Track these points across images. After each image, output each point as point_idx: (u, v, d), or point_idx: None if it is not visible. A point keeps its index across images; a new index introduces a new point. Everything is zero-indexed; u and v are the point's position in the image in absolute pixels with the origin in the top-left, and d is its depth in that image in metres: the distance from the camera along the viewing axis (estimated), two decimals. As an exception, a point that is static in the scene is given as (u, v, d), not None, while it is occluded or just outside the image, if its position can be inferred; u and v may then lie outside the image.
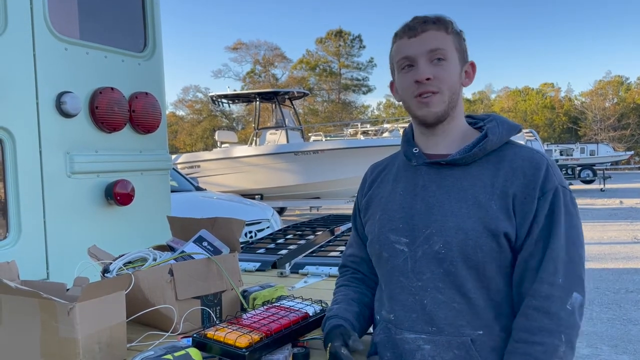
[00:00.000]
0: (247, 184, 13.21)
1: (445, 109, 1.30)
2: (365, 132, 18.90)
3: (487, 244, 1.20)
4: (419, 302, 1.27)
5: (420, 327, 1.26)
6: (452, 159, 1.29)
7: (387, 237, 1.33)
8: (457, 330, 1.23)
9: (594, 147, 34.30)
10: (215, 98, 15.31)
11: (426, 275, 1.26)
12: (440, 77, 1.28)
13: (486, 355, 1.21)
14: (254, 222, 5.55)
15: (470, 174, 1.28)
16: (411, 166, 1.36)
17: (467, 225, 1.22)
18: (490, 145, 1.28)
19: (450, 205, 1.25)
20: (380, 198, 1.41)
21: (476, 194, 1.24)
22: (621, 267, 7.38)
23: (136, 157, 2.64)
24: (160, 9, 2.85)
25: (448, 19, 1.34)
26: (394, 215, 1.33)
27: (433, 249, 1.25)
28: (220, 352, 1.24)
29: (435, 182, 1.30)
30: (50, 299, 1.28)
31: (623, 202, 16.83)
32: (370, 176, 1.51)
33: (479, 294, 1.23)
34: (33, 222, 2.18)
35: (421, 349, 1.25)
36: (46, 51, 2.24)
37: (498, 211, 1.21)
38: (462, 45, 1.34)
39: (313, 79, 48.52)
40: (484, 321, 1.23)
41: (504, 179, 1.24)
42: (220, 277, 1.66)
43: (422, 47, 1.28)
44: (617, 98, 55.19)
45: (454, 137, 1.34)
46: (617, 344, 4.38)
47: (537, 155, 1.27)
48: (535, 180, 1.22)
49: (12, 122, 2.12)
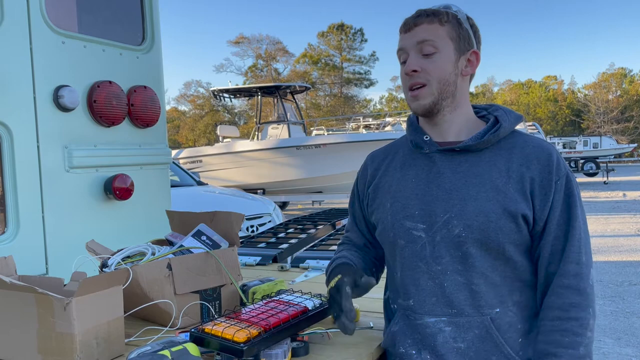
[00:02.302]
0: (249, 178, 13.21)
1: (434, 100, 1.33)
2: (368, 126, 18.88)
3: (507, 226, 1.26)
4: (438, 286, 1.30)
5: (440, 310, 1.30)
6: (465, 145, 1.32)
7: (402, 224, 1.35)
8: (476, 310, 1.28)
9: (597, 140, 34.20)
10: (217, 93, 15.29)
11: (445, 259, 1.29)
12: (427, 69, 1.31)
13: (504, 330, 1.28)
14: (255, 216, 5.54)
15: (483, 160, 1.32)
16: (421, 153, 1.38)
17: (487, 208, 1.26)
18: (502, 133, 1.33)
19: (468, 190, 1.29)
20: (388, 186, 1.42)
21: (493, 178, 1.29)
22: (624, 259, 7.36)
23: (135, 151, 2.62)
24: (158, 1, 2.82)
25: (446, 10, 1.33)
26: (407, 203, 1.35)
27: (453, 233, 1.28)
28: (218, 347, 1.23)
29: (450, 168, 1.33)
30: (46, 294, 1.27)
31: (626, 195, 16.79)
32: (372, 164, 1.51)
33: (495, 274, 1.29)
34: (31, 217, 2.16)
35: (442, 332, 1.30)
36: (43, 45, 2.22)
37: (515, 194, 1.27)
38: (460, 34, 1.33)
39: (315, 73, 48.45)
40: (500, 298, 1.29)
41: (518, 164, 1.29)
42: (219, 271, 1.65)
43: (412, 39, 1.33)
44: (620, 90, 54.97)
45: (461, 126, 1.37)
46: (621, 337, 4.36)
47: (545, 142, 1.35)
48: (550, 165, 1.28)
49: (10, 116, 2.10)
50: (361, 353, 1.37)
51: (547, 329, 1.26)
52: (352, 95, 50.25)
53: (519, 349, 1.29)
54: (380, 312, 1.70)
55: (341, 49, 47.78)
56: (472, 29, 1.36)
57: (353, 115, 26.14)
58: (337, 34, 47.51)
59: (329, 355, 1.35)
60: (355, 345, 1.42)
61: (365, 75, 48.92)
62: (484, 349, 1.28)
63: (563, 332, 1.24)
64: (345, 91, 49.26)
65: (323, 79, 48.60)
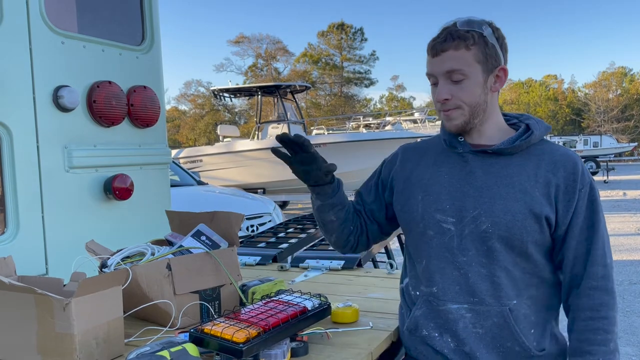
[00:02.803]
0: (249, 178, 13.20)
1: (466, 120, 1.41)
2: (368, 126, 18.88)
3: (531, 225, 1.35)
4: (463, 276, 1.40)
5: (463, 298, 1.40)
6: (497, 148, 1.40)
7: (432, 217, 1.43)
8: (496, 300, 1.37)
9: (598, 139, 34.22)
10: (217, 92, 15.27)
11: (471, 251, 1.39)
12: (458, 96, 1.38)
13: (520, 321, 1.38)
14: (255, 216, 5.54)
15: (514, 164, 1.40)
16: (455, 153, 1.47)
17: (514, 208, 1.35)
18: (534, 139, 1.41)
19: (498, 190, 1.38)
20: (419, 179, 1.49)
21: (521, 181, 1.37)
22: (624, 259, 7.36)
23: (135, 151, 2.62)
24: (158, 1, 2.82)
25: (472, 30, 1.36)
26: (439, 197, 1.44)
27: (480, 228, 1.37)
28: (217, 347, 1.23)
29: (482, 168, 1.41)
30: (45, 294, 1.27)
31: (627, 194, 16.78)
32: (403, 155, 1.60)
33: (516, 269, 1.38)
34: (31, 217, 2.16)
35: (463, 318, 1.40)
36: (43, 45, 2.22)
37: (541, 197, 1.36)
38: (487, 55, 1.37)
39: (315, 73, 48.42)
40: (517, 291, 1.38)
41: (545, 170, 1.38)
42: (219, 271, 1.65)
43: (440, 67, 1.39)
44: (620, 89, 54.93)
45: (493, 133, 1.45)
46: (621, 336, 4.37)
47: (571, 152, 1.43)
48: (575, 174, 1.37)
49: (9, 116, 2.10)
50: (360, 353, 1.37)
51: (580, 328, 1.36)
52: (352, 95, 50.23)
53: (533, 339, 1.39)
54: (379, 312, 1.70)
55: (341, 49, 47.75)
56: (499, 42, 1.40)
57: (353, 115, 26.14)
58: (337, 34, 47.48)
59: (328, 355, 1.36)
60: (354, 345, 1.43)
61: (366, 74, 48.92)
62: (501, 335, 1.38)
63: (595, 331, 1.34)
64: (345, 90, 49.24)
65: (323, 78, 48.58)
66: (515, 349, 1.38)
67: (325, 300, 1.52)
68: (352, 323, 1.59)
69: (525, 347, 1.37)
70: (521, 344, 1.37)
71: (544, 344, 1.41)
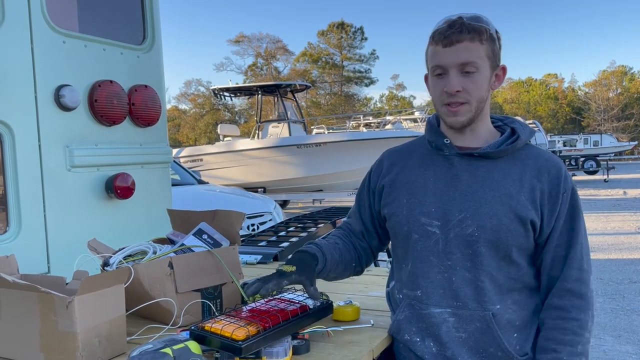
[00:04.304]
0: (249, 177, 13.20)
1: (471, 117, 1.39)
2: (368, 125, 18.87)
3: (517, 229, 1.35)
4: (447, 280, 1.39)
5: (446, 302, 1.39)
6: (484, 152, 1.40)
7: (417, 220, 1.42)
8: (479, 305, 1.37)
9: (598, 138, 34.15)
10: (217, 91, 15.27)
11: (456, 255, 1.38)
12: (469, 89, 1.36)
13: (502, 325, 1.37)
14: (256, 214, 5.54)
15: (499, 168, 1.40)
16: (441, 155, 1.45)
17: (500, 212, 1.35)
18: (519, 144, 1.41)
19: (484, 193, 1.37)
20: (405, 183, 1.48)
21: (507, 185, 1.37)
22: (625, 257, 7.36)
23: (136, 150, 2.62)
24: (159, 0, 2.82)
25: (483, 25, 1.35)
26: (425, 200, 1.43)
27: (465, 232, 1.36)
28: (218, 345, 1.23)
29: (468, 171, 1.41)
30: (48, 292, 1.28)
31: (627, 193, 16.78)
32: (388, 159, 1.57)
33: (500, 274, 1.37)
34: (33, 216, 2.17)
35: (446, 322, 1.39)
36: (44, 44, 2.22)
37: (526, 202, 1.36)
38: (494, 51, 1.38)
39: (315, 72, 48.39)
40: (501, 296, 1.38)
41: (530, 175, 1.38)
42: (220, 269, 1.65)
43: (454, 58, 1.34)
44: (621, 88, 54.90)
45: (481, 135, 1.44)
46: (621, 334, 4.37)
47: (555, 157, 1.45)
48: (559, 178, 1.38)
49: (11, 116, 2.10)
50: (362, 350, 1.38)
51: (548, 327, 1.37)
52: (353, 94, 50.22)
53: (515, 343, 1.39)
54: (380, 310, 1.71)
55: (341, 48, 47.75)
56: (499, 41, 1.41)
57: (353, 114, 26.14)
58: (337, 33, 47.46)
59: (329, 353, 1.36)
60: (355, 343, 1.43)
61: (366, 73, 48.91)
62: (483, 340, 1.37)
63: (563, 331, 1.35)
64: (345, 90, 49.23)
65: (323, 77, 48.57)
66: (498, 354, 1.37)
67: (327, 298, 1.53)
68: (353, 321, 1.59)
69: (508, 352, 1.36)
70: (503, 349, 1.36)
71: (526, 349, 1.40)
